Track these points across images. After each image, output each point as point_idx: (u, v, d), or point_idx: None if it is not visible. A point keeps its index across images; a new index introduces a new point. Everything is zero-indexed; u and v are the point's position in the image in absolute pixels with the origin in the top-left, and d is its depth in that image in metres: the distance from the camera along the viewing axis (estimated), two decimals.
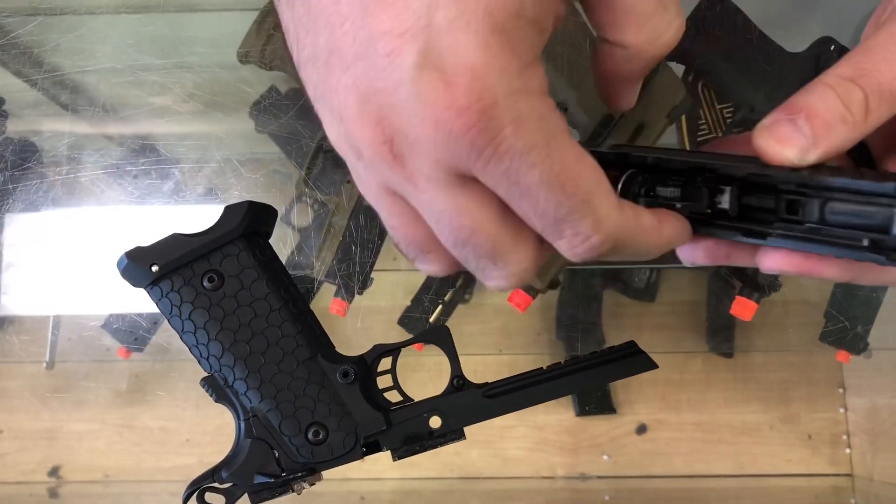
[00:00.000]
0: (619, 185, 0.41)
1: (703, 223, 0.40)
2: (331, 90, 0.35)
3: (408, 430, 0.53)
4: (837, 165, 0.37)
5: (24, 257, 0.86)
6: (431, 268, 0.41)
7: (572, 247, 0.35)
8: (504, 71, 0.32)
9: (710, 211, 0.39)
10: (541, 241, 0.38)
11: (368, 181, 0.39)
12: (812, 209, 0.35)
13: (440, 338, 0.54)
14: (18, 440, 1.23)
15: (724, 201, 0.38)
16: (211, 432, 1.23)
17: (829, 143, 0.34)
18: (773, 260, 0.37)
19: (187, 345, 0.53)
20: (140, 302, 0.54)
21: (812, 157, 0.34)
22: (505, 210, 0.36)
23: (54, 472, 1.23)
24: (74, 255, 0.84)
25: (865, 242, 0.33)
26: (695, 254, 0.40)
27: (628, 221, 0.36)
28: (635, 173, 0.41)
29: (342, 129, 0.36)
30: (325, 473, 0.55)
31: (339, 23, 0.33)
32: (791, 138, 0.35)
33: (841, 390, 1.23)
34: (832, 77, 0.35)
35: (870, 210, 0.33)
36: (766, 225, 0.37)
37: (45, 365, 1.11)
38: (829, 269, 0.37)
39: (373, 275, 0.80)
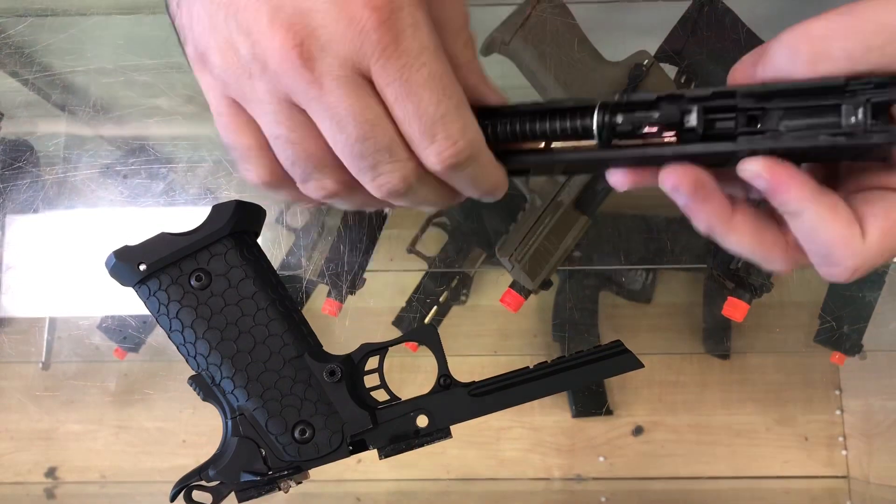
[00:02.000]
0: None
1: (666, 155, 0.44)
2: (238, 10, 0.39)
3: (394, 429, 0.53)
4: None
5: (17, 259, 0.86)
6: (321, 186, 0.45)
7: (440, 151, 0.41)
8: None
9: (677, 134, 0.43)
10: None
11: (268, 97, 0.41)
12: (770, 118, 0.41)
13: (427, 337, 0.54)
14: (15, 441, 1.23)
15: (692, 119, 0.42)
16: (207, 433, 1.23)
17: None
18: (751, 163, 0.41)
19: (175, 343, 0.53)
20: (134, 303, 0.54)
21: None
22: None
23: (51, 472, 1.23)
24: (66, 257, 0.84)
25: (822, 140, 0.40)
26: (678, 180, 0.42)
27: (481, 137, 0.42)
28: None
29: (248, 43, 0.39)
30: (321, 474, 0.55)
31: None
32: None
33: (837, 392, 1.23)
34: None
35: (820, 110, 0.40)
36: (730, 140, 0.42)
37: (40, 365, 1.12)
38: (796, 190, 0.41)
39: (366, 275, 0.80)
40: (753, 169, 0.41)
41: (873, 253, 0.41)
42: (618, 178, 0.45)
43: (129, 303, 0.81)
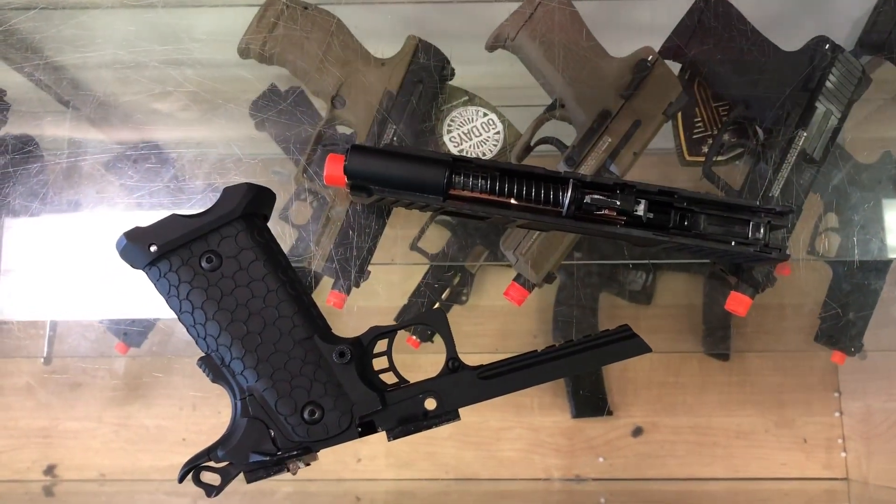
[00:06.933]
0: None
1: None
2: None
3: (403, 411, 0.53)
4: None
5: (22, 259, 0.86)
6: None
7: None
8: None
9: (625, 218, 0.55)
10: None
11: None
12: (697, 220, 0.55)
13: (436, 321, 0.55)
14: (14, 438, 1.23)
15: (640, 209, 0.55)
16: (207, 431, 1.23)
17: None
18: None
19: (185, 325, 0.53)
20: (139, 299, 0.54)
21: None
22: None
23: (50, 470, 1.23)
24: (73, 254, 0.83)
25: (733, 243, 0.55)
26: None
27: None
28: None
29: None
30: (321, 473, 0.55)
31: None
32: None
33: (836, 394, 1.23)
34: None
35: (734, 222, 0.56)
36: (664, 231, 0.55)
37: (42, 361, 1.11)
38: None
39: (370, 268, 0.80)
40: None
41: None
42: None
43: (135, 300, 0.81)
